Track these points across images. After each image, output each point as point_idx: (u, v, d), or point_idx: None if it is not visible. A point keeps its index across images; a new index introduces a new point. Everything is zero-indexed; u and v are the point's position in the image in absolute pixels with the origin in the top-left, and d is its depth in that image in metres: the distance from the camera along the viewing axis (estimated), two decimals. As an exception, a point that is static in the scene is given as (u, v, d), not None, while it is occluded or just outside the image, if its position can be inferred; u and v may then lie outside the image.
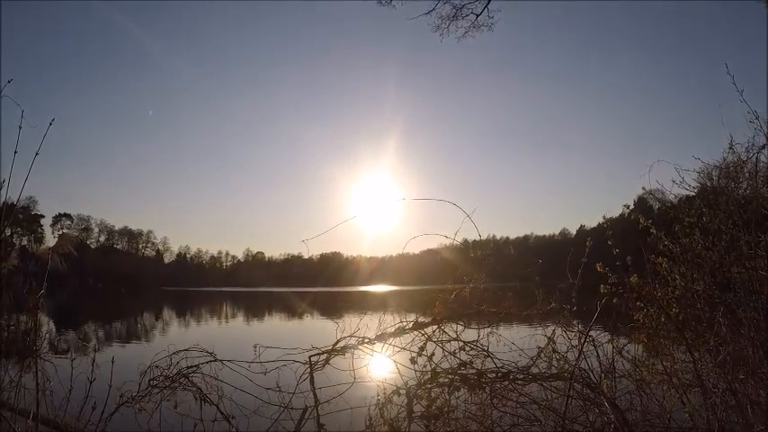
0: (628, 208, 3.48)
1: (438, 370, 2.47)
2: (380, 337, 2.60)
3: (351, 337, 2.60)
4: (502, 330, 2.83)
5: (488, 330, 2.64)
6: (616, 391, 3.11)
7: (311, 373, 2.52)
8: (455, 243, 2.91)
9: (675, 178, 3.57)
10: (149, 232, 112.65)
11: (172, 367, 2.61)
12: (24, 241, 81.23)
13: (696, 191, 3.64)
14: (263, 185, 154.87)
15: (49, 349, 2.83)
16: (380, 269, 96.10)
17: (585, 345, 2.56)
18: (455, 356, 2.51)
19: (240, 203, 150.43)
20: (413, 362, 2.52)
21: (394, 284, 79.67)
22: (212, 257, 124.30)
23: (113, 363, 2.78)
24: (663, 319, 3.28)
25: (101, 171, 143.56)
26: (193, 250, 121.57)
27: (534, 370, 2.58)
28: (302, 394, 2.52)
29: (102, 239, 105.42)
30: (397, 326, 2.60)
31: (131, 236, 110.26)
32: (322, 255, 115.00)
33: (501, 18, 8.22)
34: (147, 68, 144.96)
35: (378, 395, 2.52)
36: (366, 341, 2.59)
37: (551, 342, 2.77)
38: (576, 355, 2.55)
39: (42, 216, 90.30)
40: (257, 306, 43.58)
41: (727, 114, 3.60)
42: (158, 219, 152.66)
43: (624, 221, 3.72)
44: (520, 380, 2.48)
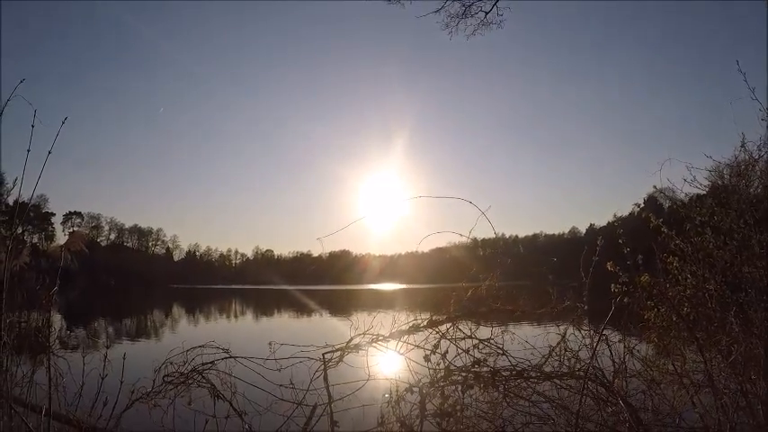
0: (639, 207, 3.47)
1: (452, 368, 2.47)
2: (395, 335, 2.60)
3: (365, 334, 2.61)
4: (513, 329, 2.83)
5: (502, 329, 2.63)
6: (627, 390, 3.10)
7: (325, 371, 2.52)
8: (469, 240, 2.91)
9: (686, 177, 3.55)
10: (159, 230, 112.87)
11: (186, 364, 2.62)
12: (35, 239, 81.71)
13: (707, 189, 3.63)
14: (272, 184, 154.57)
15: (59, 345, 2.84)
16: (389, 267, 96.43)
17: (598, 344, 2.55)
18: (469, 354, 2.51)
19: (250, 202, 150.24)
20: (426, 359, 2.52)
21: (403, 283, 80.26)
22: (221, 255, 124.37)
23: (125, 359, 2.79)
24: (674, 319, 3.27)
25: (110, 169, 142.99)
26: (203, 248, 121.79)
27: (547, 368, 2.57)
28: (315, 391, 2.53)
29: (113, 237, 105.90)
30: (412, 323, 2.61)
31: (141, 234, 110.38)
32: (331, 253, 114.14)
33: (510, 16, 8.19)
34: (155, 67, 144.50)
35: (390, 393, 2.52)
36: (380, 338, 2.59)
37: (564, 341, 2.76)
38: (590, 354, 2.54)
39: (53, 214, 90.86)
40: (267, 304, 43.39)
41: (739, 112, 3.59)
42: (168, 217, 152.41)
43: (634, 220, 3.71)
44: (534, 378, 2.48)
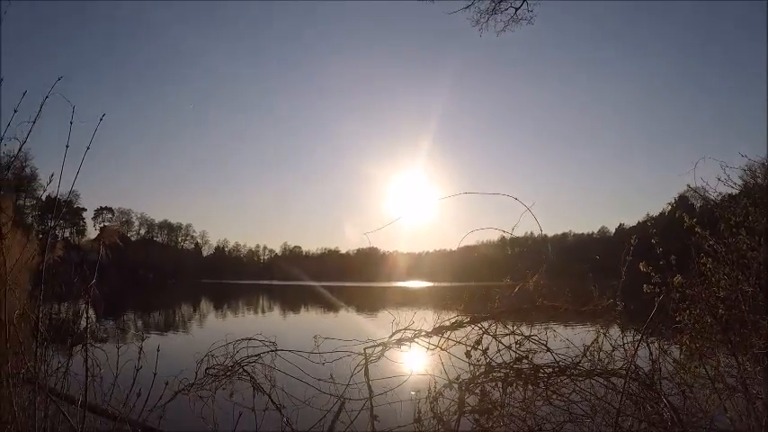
0: (672, 206, 3.43)
1: (493, 364, 2.46)
2: (437, 330, 2.60)
3: (406, 329, 2.61)
4: (548, 327, 2.80)
5: (543, 326, 2.62)
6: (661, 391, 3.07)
7: (366, 365, 2.52)
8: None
9: (720, 176, 3.52)
10: (188, 226, 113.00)
11: (229, 357, 2.63)
12: (67, 233, 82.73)
13: (741, 189, 3.59)
14: (301, 181, 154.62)
15: (91, 337, 2.86)
16: (416, 265, 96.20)
17: (640, 344, 2.53)
18: (511, 350, 2.50)
19: (278, 198, 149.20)
20: (468, 356, 2.52)
21: (430, 280, 79.78)
22: (250, 251, 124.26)
23: (158, 351, 2.81)
24: (708, 321, 3.24)
25: (141, 165, 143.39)
26: (231, 244, 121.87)
27: (586, 366, 2.55)
28: (356, 386, 2.53)
29: (143, 232, 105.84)
30: (455, 319, 2.60)
31: (171, 229, 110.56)
32: (359, 250, 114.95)
33: (539, 12, 8.24)
34: (186, 64, 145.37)
35: (429, 388, 2.52)
36: (423, 334, 2.59)
37: (604, 338, 2.73)
38: (626, 354, 2.52)
39: (84, 209, 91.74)
40: (294, 300, 42.92)
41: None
42: (197, 213, 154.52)
43: (665, 220, 3.68)
44: (576, 375, 2.46)
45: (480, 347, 2.51)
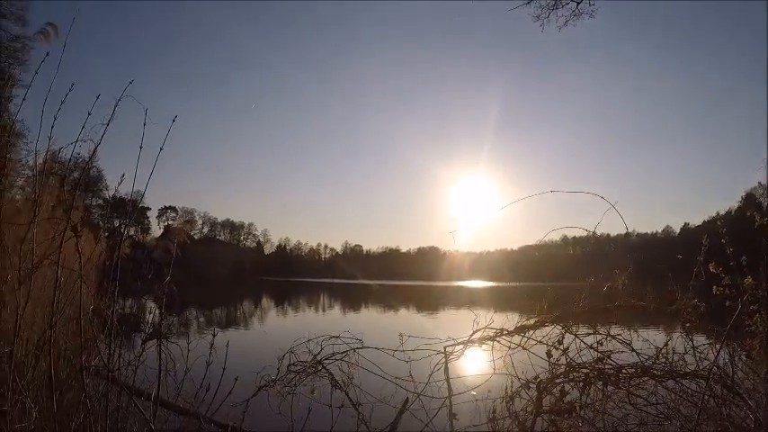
0: (740, 204, 3.34)
1: (573, 364, 2.43)
2: (519, 329, 2.59)
3: (487, 328, 2.60)
4: (621, 329, 2.77)
5: (618, 327, 2.58)
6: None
7: (446, 363, 2.53)
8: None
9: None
10: (250, 224, 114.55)
11: (310, 353, 2.66)
12: (132, 231, 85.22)
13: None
14: (363, 180, 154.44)
15: (165, 332, 2.93)
16: (477, 264, 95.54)
17: (723, 346, 2.47)
18: (592, 350, 2.47)
19: (340, 197, 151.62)
20: (549, 355, 2.50)
21: (491, 280, 79.43)
22: (311, 249, 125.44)
23: (228, 347, 2.85)
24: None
25: (204, 165, 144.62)
26: (293, 242, 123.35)
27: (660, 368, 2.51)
28: (436, 384, 2.53)
29: (205, 231, 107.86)
30: (537, 318, 2.59)
31: (233, 228, 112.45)
32: (419, 249, 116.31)
33: (602, 5, 8.15)
34: (246, 65, 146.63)
35: (506, 388, 2.50)
36: (504, 333, 2.58)
37: (676, 340, 2.68)
38: (714, 355, 2.46)
39: (149, 209, 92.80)
40: (358, 298, 42.45)
41: None
42: (259, 212, 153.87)
43: (732, 219, 3.58)
44: (658, 376, 2.42)
45: (561, 347, 2.49)
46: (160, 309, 2.80)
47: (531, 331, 2.59)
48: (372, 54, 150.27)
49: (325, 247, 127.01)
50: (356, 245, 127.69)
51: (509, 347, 2.62)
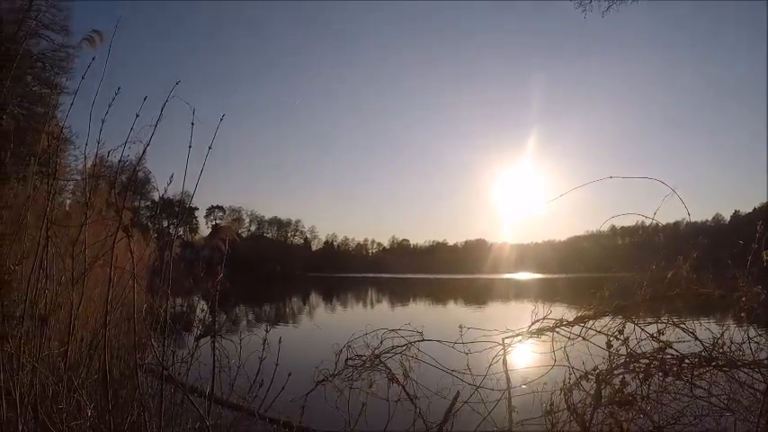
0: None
1: (634, 354, 2.42)
2: (579, 319, 2.58)
3: (545, 319, 2.60)
4: (677, 318, 2.74)
5: (674, 317, 2.56)
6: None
7: (504, 355, 2.54)
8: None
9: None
10: (298, 221, 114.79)
11: (368, 347, 2.69)
12: (180, 231, 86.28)
13: None
14: (411, 174, 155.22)
15: (219, 329, 2.99)
16: (524, 256, 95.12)
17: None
18: (653, 340, 2.46)
19: (387, 192, 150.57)
20: (609, 345, 2.49)
21: (539, 272, 78.73)
22: (358, 245, 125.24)
23: (280, 342, 2.90)
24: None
25: (250, 163, 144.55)
26: (340, 238, 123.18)
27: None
28: (494, 376, 2.54)
29: (253, 229, 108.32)
30: (597, 308, 2.58)
31: (280, 225, 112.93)
32: (466, 242, 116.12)
33: None
34: (291, 63, 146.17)
35: (564, 380, 2.50)
36: (564, 323, 2.58)
37: (749, 328, 2.63)
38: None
39: (197, 208, 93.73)
40: (403, 292, 41.90)
41: None
42: (306, 208, 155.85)
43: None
44: (721, 366, 2.39)
45: (621, 337, 2.48)
46: (212, 306, 2.86)
47: (590, 321, 2.57)
48: (415, 49, 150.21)
49: (373, 242, 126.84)
50: (403, 239, 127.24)
51: (568, 338, 2.61)
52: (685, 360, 2.39)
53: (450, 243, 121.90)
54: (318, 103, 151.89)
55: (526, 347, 2.69)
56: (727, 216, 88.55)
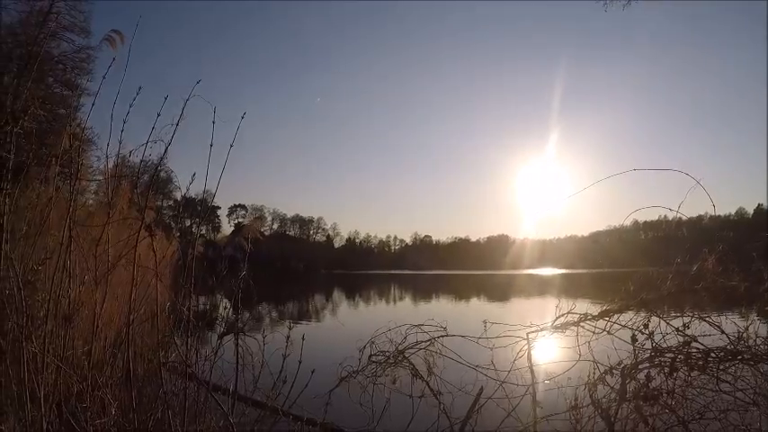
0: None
1: (659, 348, 2.43)
2: (603, 313, 2.59)
3: (570, 313, 2.62)
4: (699, 312, 2.74)
5: (695, 312, 2.56)
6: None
7: (529, 350, 2.55)
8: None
9: None
10: (320, 219, 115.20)
11: (391, 343, 2.71)
12: (203, 230, 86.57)
13: None
14: (431, 170, 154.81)
15: (241, 327, 3.02)
16: (546, 252, 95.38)
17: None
18: (678, 334, 2.46)
19: (409, 188, 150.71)
20: (634, 339, 2.50)
21: (562, 267, 78.19)
22: (381, 242, 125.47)
23: (303, 339, 2.92)
24: None
25: (271, 162, 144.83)
26: (362, 235, 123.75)
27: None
28: (518, 371, 2.56)
29: (275, 227, 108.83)
30: (622, 302, 2.59)
31: (302, 223, 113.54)
32: (489, 237, 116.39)
33: None
34: (311, 61, 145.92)
35: (589, 374, 2.51)
36: (588, 318, 2.60)
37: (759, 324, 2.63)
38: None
39: (219, 207, 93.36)
40: (426, 288, 41.46)
41: None
42: (328, 206, 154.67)
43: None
44: (748, 359, 2.40)
45: (646, 331, 2.49)
46: (235, 304, 2.90)
47: (615, 315, 2.58)
48: (434, 46, 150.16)
49: (395, 238, 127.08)
50: (425, 235, 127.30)
51: (593, 333, 2.62)
52: (711, 354, 2.39)
53: (473, 239, 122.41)
54: (342, 101, 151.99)
55: (550, 342, 2.70)
56: (751, 210, 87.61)
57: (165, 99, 3.01)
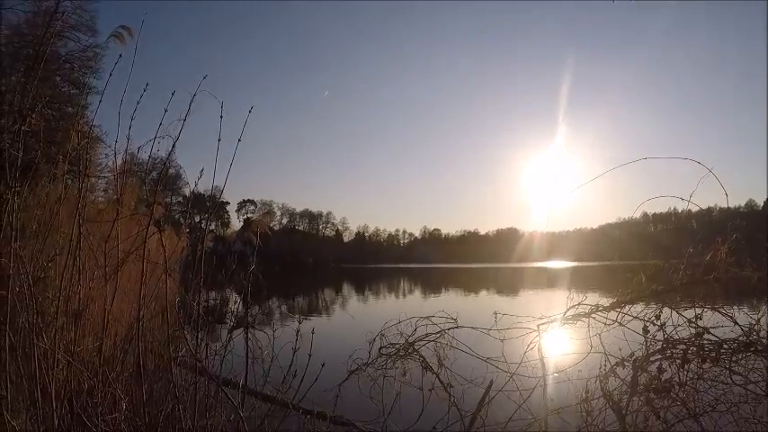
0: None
1: (671, 339, 2.42)
2: (615, 305, 2.59)
3: (581, 304, 2.62)
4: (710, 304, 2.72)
5: (707, 303, 2.55)
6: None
7: (539, 342, 2.55)
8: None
9: None
10: (329, 213, 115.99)
11: (401, 335, 2.72)
12: (212, 226, 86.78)
13: None
14: (440, 164, 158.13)
15: (252, 321, 3.04)
16: (556, 245, 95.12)
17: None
18: (691, 325, 2.45)
19: (418, 182, 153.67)
20: (645, 331, 2.50)
21: (571, 260, 78.94)
22: (390, 236, 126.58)
23: (313, 333, 2.94)
24: None
25: (280, 157, 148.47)
26: (371, 229, 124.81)
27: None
28: (529, 363, 2.56)
29: (284, 222, 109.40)
30: (633, 293, 2.58)
31: (311, 217, 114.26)
32: (498, 231, 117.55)
33: None
34: (321, 54, 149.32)
35: (600, 367, 2.51)
36: (599, 309, 2.59)
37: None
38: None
39: (228, 203, 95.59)
40: (435, 282, 41.86)
41: None
42: (337, 201, 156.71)
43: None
44: (761, 351, 2.39)
45: (658, 322, 2.48)
46: (245, 298, 2.91)
47: (626, 306, 2.58)
48: (442, 38, 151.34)
49: (404, 232, 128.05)
50: (434, 229, 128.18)
51: (604, 324, 2.61)
52: (723, 345, 2.39)
53: (482, 232, 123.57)
54: (351, 96, 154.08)
55: (561, 334, 2.70)
56: (761, 202, 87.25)
57: (173, 95, 3.02)
